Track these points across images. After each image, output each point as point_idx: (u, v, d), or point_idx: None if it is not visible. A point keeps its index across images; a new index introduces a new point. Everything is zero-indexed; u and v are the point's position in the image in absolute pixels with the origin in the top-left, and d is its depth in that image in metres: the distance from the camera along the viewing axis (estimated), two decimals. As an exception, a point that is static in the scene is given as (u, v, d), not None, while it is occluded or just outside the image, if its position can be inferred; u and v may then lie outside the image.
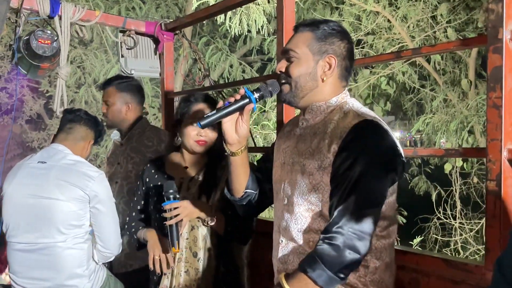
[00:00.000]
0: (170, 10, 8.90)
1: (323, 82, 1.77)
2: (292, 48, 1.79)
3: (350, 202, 1.61)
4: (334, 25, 1.80)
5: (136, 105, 3.14)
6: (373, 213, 1.62)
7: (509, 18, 1.74)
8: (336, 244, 1.58)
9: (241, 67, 9.03)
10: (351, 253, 1.58)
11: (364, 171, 1.61)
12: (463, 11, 7.24)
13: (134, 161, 3.03)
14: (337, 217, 1.61)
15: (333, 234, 1.60)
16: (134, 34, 3.68)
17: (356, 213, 1.59)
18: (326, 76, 1.77)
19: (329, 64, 1.77)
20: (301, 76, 1.77)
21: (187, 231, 2.27)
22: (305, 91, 1.78)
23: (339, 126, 1.70)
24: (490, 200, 1.79)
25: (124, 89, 3.11)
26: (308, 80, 1.77)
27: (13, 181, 2.61)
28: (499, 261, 1.15)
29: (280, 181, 1.87)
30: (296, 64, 1.78)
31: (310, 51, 1.77)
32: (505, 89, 1.74)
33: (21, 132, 12.07)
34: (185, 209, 2.18)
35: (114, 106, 3.09)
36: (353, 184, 1.61)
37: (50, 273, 2.55)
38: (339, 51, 1.78)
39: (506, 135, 1.75)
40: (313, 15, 7.64)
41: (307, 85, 1.78)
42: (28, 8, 3.14)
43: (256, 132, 6.97)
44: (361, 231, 1.59)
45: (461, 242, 6.71)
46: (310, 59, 1.77)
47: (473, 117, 6.85)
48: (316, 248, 1.63)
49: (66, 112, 2.81)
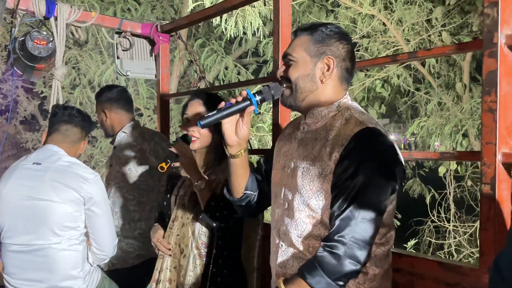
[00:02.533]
0: (165, 11, 8.89)
1: (323, 84, 1.77)
2: (289, 52, 1.80)
3: (352, 211, 1.61)
4: (332, 27, 1.81)
5: (115, 111, 3.17)
6: (375, 222, 1.63)
7: (504, 23, 1.75)
8: (337, 253, 1.59)
9: (237, 69, 9.02)
10: (351, 263, 1.59)
11: (366, 181, 1.62)
12: (458, 15, 7.26)
13: (121, 161, 3.09)
14: (339, 225, 1.62)
15: (334, 243, 1.61)
16: (130, 36, 3.68)
17: (358, 222, 1.60)
18: (325, 77, 1.77)
19: (328, 65, 1.77)
20: (299, 78, 1.77)
21: (178, 227, 2.32)
22: (305, 93, 1.78)
23: (341, 133, 1.70)
24: (484, 203, 1.80)
25: (100, 99, 3.21)
26: (307, 81, 1.77)
27: (8, 182, 2.59)
28: (496, 263, 1.16)
29: (280, 184, 1.86)
30: (294, 67, 1.78)
31: (307, 53, 1.77)
32: (500, 93, 1.75)
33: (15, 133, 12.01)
34: (187, 158, 2.23)
35: (98, 117, 3.24)
36: (355, 193, 1.62)
37: (45, 275, 2.54)
38: (338, 52, 1.78)
39: (500, 138, 1.76)
40: (308, 17, 7.66)
41: (306, 87, 1.78)
42: (23, 9, 3.14)
43: (251, 135, 6.96)
44: (362, 241, 1.60)
45: (455, 245, 6.71)
46: (308, 62, 1.77)
47: (467, 121, 6.87)
48: (317, 255, 1.64)
49: (57, 110, 2.76)
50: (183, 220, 2.33)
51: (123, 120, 3.18)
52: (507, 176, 1.78)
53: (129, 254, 3.04)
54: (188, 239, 2.31)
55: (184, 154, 2.22)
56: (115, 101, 3.19)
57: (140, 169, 3.06)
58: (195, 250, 2.30)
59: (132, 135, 3.12)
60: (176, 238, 2.33)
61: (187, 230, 2.31)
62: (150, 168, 3.06)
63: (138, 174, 3.06)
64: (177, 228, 2.33)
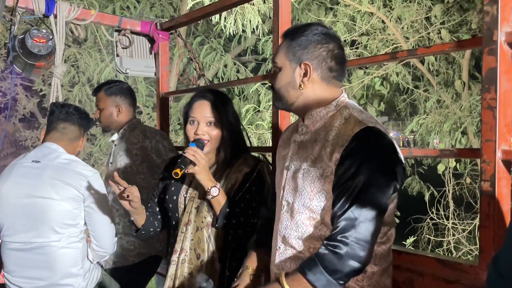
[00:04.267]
0: (164, 9, 8.88)
1: (305, 89, 1.77)
2: (274, 59, 1.84)
3: (354, 212, 1.61)
4: (314, 28, 1.79)
5: (126, 107, 3.17)
6: (377, 222, 1.63)
7: (504, 20, 1.75)
8: (340, 253, 1.59)
9: (236, 67, 9.02)
10: (353, 263, 1.59)
11: (368, 181, 1.62)
12: (457, 12, 7.27)
13: (122, 158, 3.09)
14: (341, 226, 1.62)
15: (337, 243, 1.60)
16: (129, 34, 3.68)
17: (360, 222, 1.60)
18: (304, 83, 1.77)
19: (305, 71, 1.76)
20: (281, 87, 1.81)
21: (192, 231, 2.23)
22: (292, 100, 1.81)
23: (341, 133, 1.69)
24: (484, 201, 1.80)
25: (113, 93, 3.15)
26: (289, 89, 1.79)
27: (7, 180, 2.59)
28: (495, 260, 1.16)
29: (280, 187, 1.87)
30: (278, 75, 1.81)
31: (287, 60, 1.79)
32: (500, 90, 1.76)
33: (14, 131, 12.01)
34: (202, 160, 2.13)
35: (105, 111, 3.16)
36: (357, 193, 1.61)
37: (45, 273, 2.55)
38: (316, 54, 1.75)
39: (500, 136, 1.76)
40: (307, 15, 7.65)
41: (290, 95, 1.80)
42: (23, 7, 3.13)
43: (251, 132, 6.96)
44: (364, 241, 1.60)
45: (454, 242, 6.73)
46: (288, 68, 1.79)
47: (466, 118, 6.88)
48: (319, 252, 1.64)
49: (55, 108, 2.75)
50: (197, 223, 2.22)
51: (130, 117, 3.19)
52: (506, 173, 1.78)
53: (129, 252, 3.04)
54: (205, 244, 2.20)
55: (199, 160, 2.12)
56: (128, 97, 3.19)
57: (141, 167, 3.06)
58: (213, 254, 2.20)
59: (134, 132, 3.11)
60: (191, 243, 2.21)
61: (202, 234, 2.21)
62: (151, 166, 3.05)
63: (139, 172, 3.06)
64: (191, 233, 2.22)
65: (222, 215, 2.16)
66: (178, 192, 2.33)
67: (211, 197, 2.15)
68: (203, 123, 2.24)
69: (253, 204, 2.22)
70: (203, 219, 2.22)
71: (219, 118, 2.25)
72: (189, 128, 2.27)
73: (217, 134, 2.25)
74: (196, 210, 2.24)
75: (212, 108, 2.25)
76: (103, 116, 3.16)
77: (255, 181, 2.24)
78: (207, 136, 2.24)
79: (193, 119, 2.26)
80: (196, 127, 2.24)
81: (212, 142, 2.25)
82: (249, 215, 2.18)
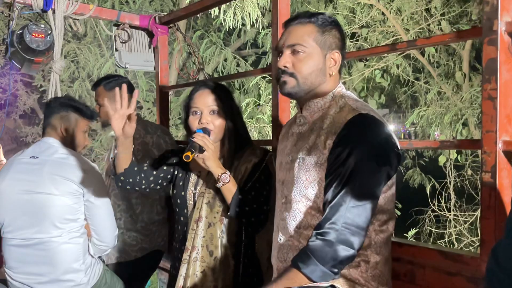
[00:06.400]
0: (163, 3, 8.85)
1: (330, 77, 1.77)
2: (299, 42, 1.74)
3: (343, 197, 1.59)
4: (327, 16, 1.80)
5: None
6: (367, 208, 1.60)
7: (504, 10, 1.74)
8: (329, 239, 1.58)
9: (236, 60, 9.00)
10: (344, 248, 1.57)
11: (358, 165, 1.60)
12: (457, 3, 7.25)
13: None
14: (330, 212, 1.60)
15: (326, 230, 1.59)
16: (128, 28, 3.66)
17: (349, 208, 1.58)
18: (332, 71, 1.77)
19: (334, 59, 1.76)
20: (312, 73, 1.74)
21: (203, 228, 2.15)
22: (314, 86, 1.76)
23: (335, 121, 1.69)
24: (485, 192, 1.79)
25: (112, 87, 3.12)
26: (319, 75, 1.75)
27: (6, 177, 2.59)
28: (494, 251, 1.16)
29: (279, 181, 1.87)
30: (306, 59, 1.74)
31: (317, 44, 1.74)
32: (500, 81, 1.75)
33: (14, 127, 12.03)
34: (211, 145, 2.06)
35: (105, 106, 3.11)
36: (347, 178, 1.60)
37: (46, 268, 2.55)
38: (339, 44, 1.78)
39: (501, 126, 1.75)
40: (307, 8, 7.63)
41: (316, 81, 1.76)
42: (21, 2, 3.12)
43: (251, 126, 6.96)
44: (354, 226, 1.58)
45: (455, 234, 6.73)
46: (319, 53, 1.75)
47: (467, 110, 6.87)
48: (309, 244, 1.62)
49: (49, 102, 2.73)
50: (208, 219, 2.15)
51: None
52: (507, 164, 1.77)
53: (131, 247, 3.04)
54: (217, 240, 2.13)
55: (208, 145, 2.03)
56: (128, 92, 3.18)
57: (142, 162, 3.06)
58: (226, 250, 2.14)
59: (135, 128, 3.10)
60: (203, 240, 2.13)
61: (215, 230, 2.14)
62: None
63: None
64: (203, 229, 2.14)
65: (234, 202, 2.09)
66: (186, 187, 2.27)
67: (222, 183, 2.07)
68: (206, 111, 2.17)
69: (264, 192, 2.16)
70: (215, 214, 2.16)
71: (222, 106, 2.18)
72: (192, 119, 2.20)
73: (221, 124, 2.18)
74: (207, 206, 2.18)
75: (215, 96, 2.19)
76: (103, 111, 3.15)
77: (264, 171, 2.19)
78: (211, 126, 2.16)
79: (196, 109, 2.19)
80: (200, 116, 2.17)
81: (216, 131, 2.17)
82: (261, 202, 2.13)
